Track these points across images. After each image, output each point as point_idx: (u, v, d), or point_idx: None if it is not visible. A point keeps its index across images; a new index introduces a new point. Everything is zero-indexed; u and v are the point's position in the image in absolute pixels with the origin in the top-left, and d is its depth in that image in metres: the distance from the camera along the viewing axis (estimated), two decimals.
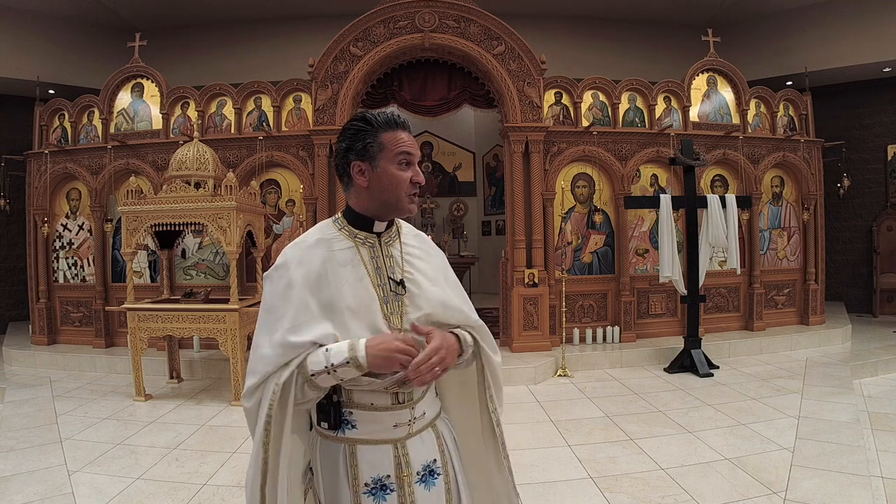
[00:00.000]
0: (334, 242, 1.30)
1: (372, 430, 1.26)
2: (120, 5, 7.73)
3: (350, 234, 1.32)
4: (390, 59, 6.12)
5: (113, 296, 6.46)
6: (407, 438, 1.29)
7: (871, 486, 2.85)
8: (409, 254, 1.36)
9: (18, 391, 5.07)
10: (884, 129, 8.45)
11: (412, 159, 1.28)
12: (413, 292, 1.31)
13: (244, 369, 4.67)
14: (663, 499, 2.87)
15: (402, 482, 1.26)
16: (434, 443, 1.34)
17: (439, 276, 1.39)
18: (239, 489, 3.06)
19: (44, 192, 6.54)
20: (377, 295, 1.28)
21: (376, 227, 1.33)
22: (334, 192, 6.06)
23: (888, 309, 8.24)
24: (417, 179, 1.29)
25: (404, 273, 1.33)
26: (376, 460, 1.25)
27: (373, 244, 1.33)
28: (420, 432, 1.31)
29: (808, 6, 7.88)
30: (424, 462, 1.30)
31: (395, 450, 1.27)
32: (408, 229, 1.43)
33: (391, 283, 1.30)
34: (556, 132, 6.30)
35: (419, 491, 1.28)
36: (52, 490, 3.01)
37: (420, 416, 1.31)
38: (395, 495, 1.26)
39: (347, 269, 1.28)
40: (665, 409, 4.38)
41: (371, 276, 1.29)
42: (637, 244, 6.62)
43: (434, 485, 1.31)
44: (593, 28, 8.61)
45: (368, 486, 1.25)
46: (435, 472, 1.32)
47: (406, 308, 1.29)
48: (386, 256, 1.33)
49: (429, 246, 1.44)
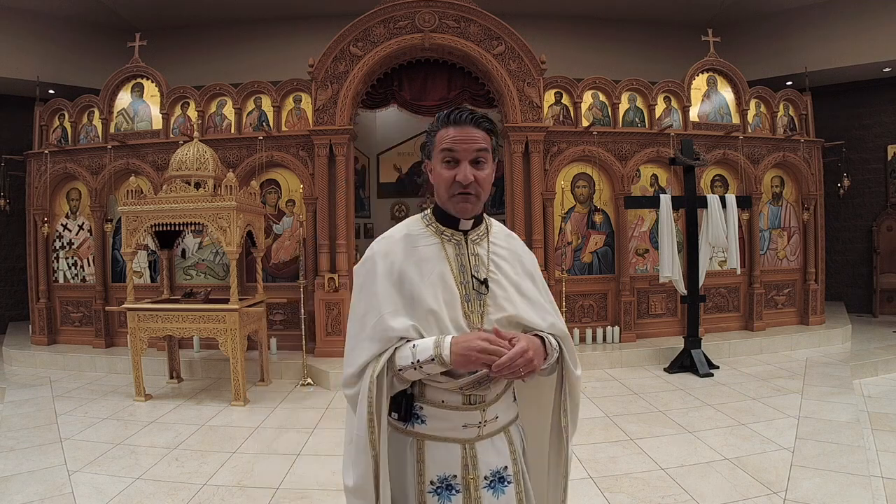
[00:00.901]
0: (420, 238, 1.31)
1: (440, 428, 1.24)
2: (120, 5, 7.73)
3: (437, 230, 1.32)
4: (390, 59, 6.12)
5: (113, 296, 6.46)
6: (476, 441, 1.26)
7: (871, 486, 2.85)
8: (496, 254, 1.33)
9: (18, 391, 5.07)
10: (884, 129, 8.45)
11: (455, 156, 1.22)
12: (496, 293, 1.28)
13: (244, 369, 4.68)
14: (663, 499, 2.87)
15: (468, 484, 1.24)
16: (507, 449, 1.30)
17: (526, 279, 1.35)
18: (239, 489, 3.07)
19: (44, 192, 6.54)
20: (459, 292, 1.26)
21: (462, 225, 1.31)
22: (334, 192, 6.06)
23: (888, 309, 8.24)
24: (460, 178, 1.22)
25: (489, 272, 1.30)
26: (443, 458, 1.24)
27: (458, 241, 1.31)
28: (491, 436, 1.28)
29: (808, 6, 7.88)
30: (494, 468, 1.27)
31: (464, 450, 1.24)
32: (499, 229, 1.40)
33: (475, 281, 1.28)
34: (556, 132, 6.30)
35: (486, 496, 1.25)
36: (52, 490, 3.01)
37: (492, 419, 1.27)
38: (461, 497, 1.23)
39: (431, 265, 1.27)
40: (665, 409, 4.38)
41: (455, 273, 1.28)
42: (637, 244, 6.62)
43: (503, 493, 1.27)
44: (593, 28, 8.61)
45: (434, 484, 1.23)
46: (505, 480, 1.28)
47: (488, 308, 1.27)
48: (471, 255, 1.31)
49: (519, 248, 1.40)
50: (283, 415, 4.43)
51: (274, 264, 6.35)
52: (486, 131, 1.26)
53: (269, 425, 4.17)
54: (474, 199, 1.26)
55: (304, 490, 3.06)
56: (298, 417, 4.35)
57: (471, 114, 1.25)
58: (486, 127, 1.26)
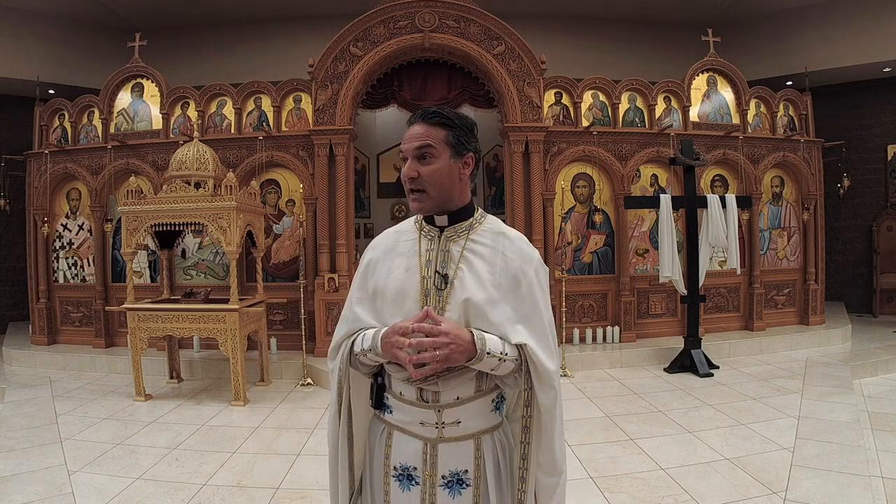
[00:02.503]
0: (404, 234, 1.38)
1: (404, 421, 1.28)
2: (120, 5, 7.73)
3: (420, 227, 1.37)
4: (390, 59, 6.12)
5: (113, 296, 6.46)
6: (439, 442, 1.26)
7: (871, 486, 2.85)
8: (472, 251, 1.29)
9: (18, 391, 5.07)
10: (884, 129, 8.45)
11: (406, 153, 1.26)
12: (456, 289, 1.25)
13: (244, 369, 4.69)
14: (663, 499, 2.87)
15: (426, 479, 1.27)
16: (471, 454, 1.27)
17: (501, 279, 1.25)
18: (239, 489, 3.07)
19: (44, 192, 6.54)
20: (420, 287, 1.27)
21: (437, 221, 1.33)
22: (334, 192, 6.06)
23: (888, 309, 8.24)
24: (402, 174, 1.29)
25: (457, 268, 1.27)
26: (406, 449, 1.29)
27: (433, 237, 1.33)
28: (456, 440, 1.26)
29: (808, 6, 7.88)
30: (454, 468, 1.27)
31: (425, 447, 1.27)
32: (489, 228, 1.32)
33: (437, 276, 1.28)
34: (556, 132, 6.30)
35: (442, 494, 1.27)
36: (52, 490, 3.01)
37: (452, 422, 1.25)
38: (419, 489, 1.28)
39: (401, 260, 1.32)
40: (665, 409, 4.38)
41: (421, 267, 1.30)
42: (637, 244, 6.62)
43: (460, 494, 1.28)
44: (593, 28, 8.61)
45: (397, 470, 1.30)
46: (464, 483, 1.27)
47: (447, 304, 1.25)
48: (442, 250, 1.30)
49: (506, 248, 1.29)
50: (283, 415, 4.43)
51: (274, 264, 6.35)
52: (437, 125, 1.25)
53: (269, 425, 4.17)
54: (422, 195, 1.26)
55: (304, 490, 3.06)
56: (298, 417, 4.35)
57: (422, 111, 1.28)
58: (436, 121, 1.25)
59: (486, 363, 1.18)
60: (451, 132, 1.26)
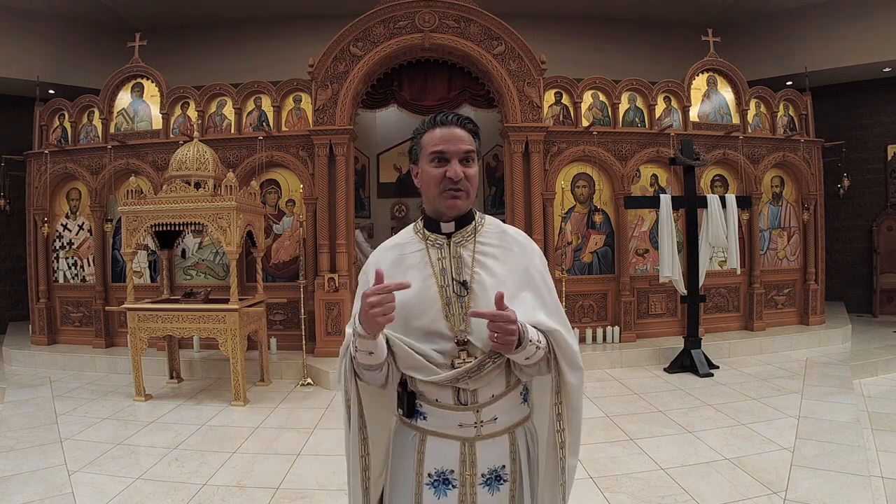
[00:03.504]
0: (408, 246, 1.35)
1: (440, 425, 1.28)
2: (120, 5, 7.73)
3: (423, 236, 1.35)
4: (390, 59, 6.12)
5: (113, 296, 6.46)
6: (477, 440, 1.28)
7: (871, 486, 2.85)
8: (482, 253, 1.31)
9: (18, 391, 5.08)
10: (884, 129, 8.45)
11: (445, 156, 1.25)
12: (477, 293, 1.27)
13: (244, 369, 4.69)
14: (663, 499, 2.87)
15: (465, 480, 1.27)
16: (507, 449, 1.31)
17: (515, 275, 1.30)
18: (239, 489, 3.07)
19: (44, 192, 6.54)
20: (440, 297, 1.27)
21: (444, 228, 1.32)
22: (334, 192, 6.06)
23: (888, 309, 8.24)
24: (450, 174, 1.24)
25: (473, 273, 1.29)
26: (442, 453, 1.28)
27: (441, 245, 1.32)
28: (493, 436, 1.29)
29: (808, 6, 7.88)
30: (492, 465, 1.29)
31: (463, 447, 1.27)
32: (492, 227, 1.36)
33: (455, 284, 1.28)
34: (556, 132, 6.30)
35: (482, 493, 1.28)
36: (52, 490, 3.01)
37: (489, 420, 1.27)
38: (457, 492, 1.27)
39: (415, 272, 1.30)
40: (665, 409, 4.38)
41: (437, 277, 1.29)
42: (637, 244, 6.62)
43: (498, 490, 1.30)
44: (593, 28, 8.61)
45: (431, 477, 1.28)
46: (502, 478, 1.30)
47: (471, 309, 1.26)
48: (454, 257, 1.31)
49: (512, 244, 1.35)
50: (283, 415, 4.43)
51: (274, 264, 6.35)
52: (470, 133, 1.30)
53: (269, 425, 4.17)
54: (464, 196, 1.28)
55: (304, 490, 3.06)
56: (298, 417, 4.35)
57: (456, 116, 1.30)
58: (471, 129, 1.31)
59: (527, 351, 1.21)
60: (478, 142, 1.33)
